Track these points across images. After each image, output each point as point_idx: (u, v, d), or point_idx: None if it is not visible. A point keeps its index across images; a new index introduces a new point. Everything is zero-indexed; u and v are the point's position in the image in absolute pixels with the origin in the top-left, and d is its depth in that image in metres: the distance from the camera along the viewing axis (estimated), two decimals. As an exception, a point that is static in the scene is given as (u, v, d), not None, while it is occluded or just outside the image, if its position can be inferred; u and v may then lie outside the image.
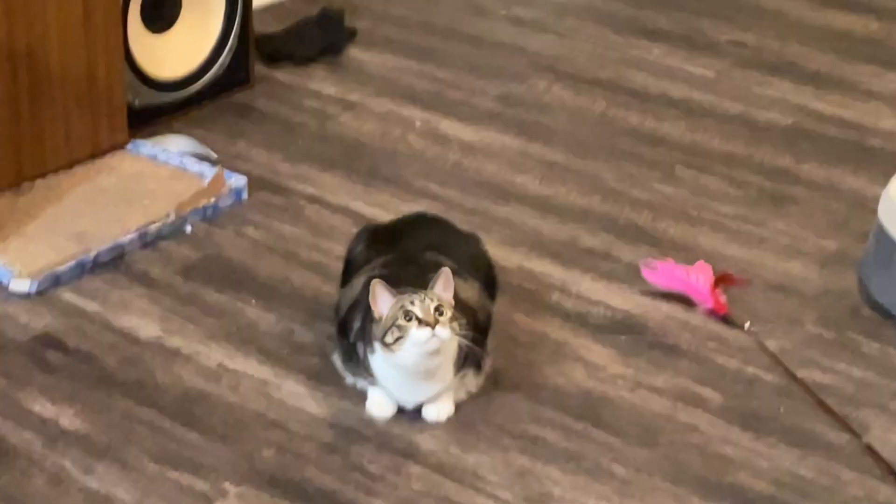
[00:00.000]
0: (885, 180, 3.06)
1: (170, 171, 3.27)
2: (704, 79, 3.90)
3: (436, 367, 2.51)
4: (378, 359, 2.52)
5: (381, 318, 2.47)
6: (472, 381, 2.63)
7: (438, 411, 2.58)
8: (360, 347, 2.56)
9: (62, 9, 3.13)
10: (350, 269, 2.74)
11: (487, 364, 2.66)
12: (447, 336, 2.44)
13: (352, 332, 2.59)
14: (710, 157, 3.50)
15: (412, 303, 2.44)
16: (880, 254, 2.94)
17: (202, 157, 3.36)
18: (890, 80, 3.89)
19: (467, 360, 2.58)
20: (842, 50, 4.06)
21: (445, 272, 2.48)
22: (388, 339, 2.46)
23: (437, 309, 2.44)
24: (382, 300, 2.47)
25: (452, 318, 2.45)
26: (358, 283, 2.64)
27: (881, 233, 2.93)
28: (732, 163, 3.48)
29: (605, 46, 4.08)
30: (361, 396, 2.61)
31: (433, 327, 2.42)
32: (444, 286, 2.48)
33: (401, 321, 2.44)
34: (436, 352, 2.46)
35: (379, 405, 2.59)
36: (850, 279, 3.03)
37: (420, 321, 2.43)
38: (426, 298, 2.45)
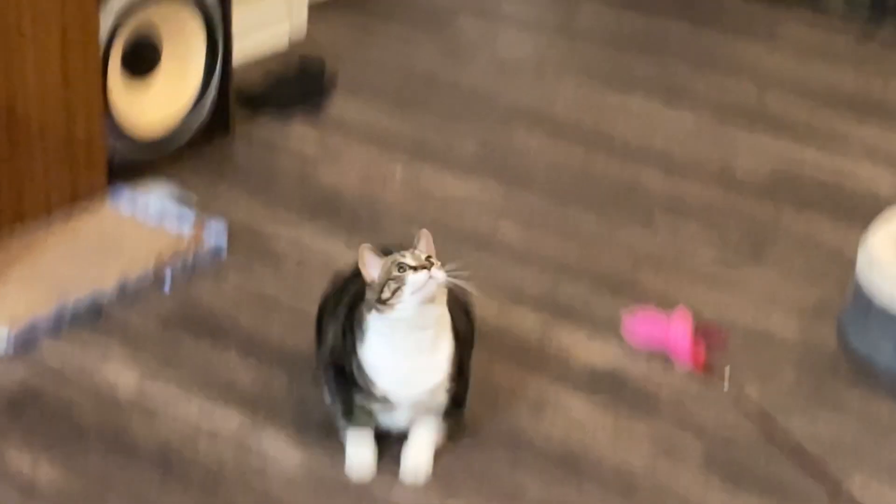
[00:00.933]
0: (864, 230, 3.07)
1: (150, 221, 3.26)
2: (684, 128, 3.91)
3: (434, 322, 2.50)
4: (370, 343, 2.51)
5: (373, 282, 2.49)
6: (453, 423, 2.63)
7: (416, 471, 2.57)
8: (353, 360, 2.54)
9: (41, 60, 3.13)
10: (322, 317, 2.73)
11: (466, 407, 2.66)
12: (442, 278, 2.46)
13: (343, 355, 2.58)
14: (690, 207, 3.51)
15: (403, 256, 2.48)
16: (859, 304, 2.95)
17: (182, 203, 3.36)
18: (867, 130, 3.91)
19: (454, 389, 2.58)
20: (820, 100, 4.08)
21: (425, 233, 2.53)
22: (385, 293, 2.46)
23: (427, 259, 2.48)
24: (372, 264, 2.50)
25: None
26: (336, 324, 2.63)
27: (859, 286, 2.94)
28: (712, 212, 3.49)
29: (585, 95, 4.09)
30: (341, 448, 2.60)
31: (429, 270, 2.45)
32: (426, 245, 2.51)
33: (395, 273, 2.46)
34: (432, 299, 2.47)
35: (359, 464, 2.57)
36: (829, 329, 3.03)
37: (415, 268, 2.45)
38: (415, 251, 2.49)
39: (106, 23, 3.33)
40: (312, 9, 4.47)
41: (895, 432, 2.74)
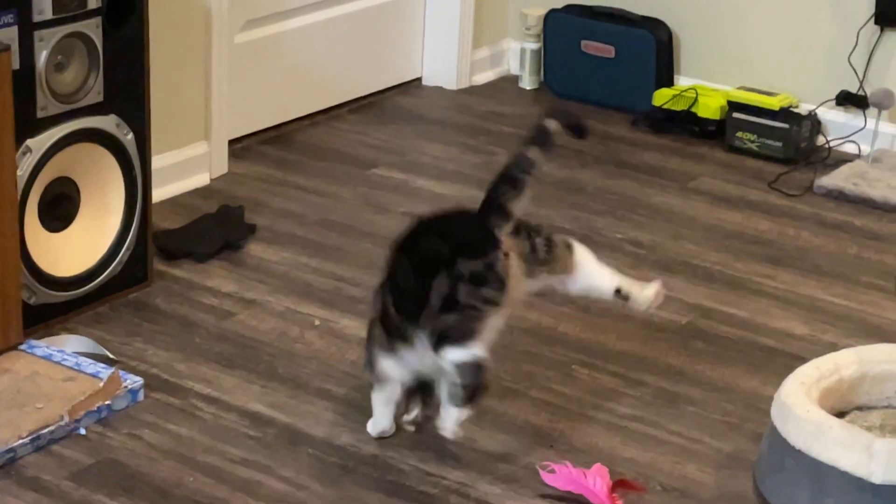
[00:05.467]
0: (779, 380, 3.09)
1: (65, 371, 3.23)
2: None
3: None
4: None
5: None
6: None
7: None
8: None
9: (-43, 211, 3.12)
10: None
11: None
12: None
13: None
14: (607, 357, 3.53)
15: None
16: (773, 456, 2.96)
17: (98, 355, 3.33)
18: (781, 279, 3.96)
19: None
20: (734, 249, 4.14)
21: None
22: None
23: None
24: None
25: None
26: None
27: (774, 435, 2.96)
28: (628, 362, 3.51)
29: (502, 244, 4.11)
30: None
31: None
32: None
33: None
34: None
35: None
36: (745, 481, 3.04)
37: None
38: None
39: (23, 170, 3.33)
40: (234, 143, 4.52)
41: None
